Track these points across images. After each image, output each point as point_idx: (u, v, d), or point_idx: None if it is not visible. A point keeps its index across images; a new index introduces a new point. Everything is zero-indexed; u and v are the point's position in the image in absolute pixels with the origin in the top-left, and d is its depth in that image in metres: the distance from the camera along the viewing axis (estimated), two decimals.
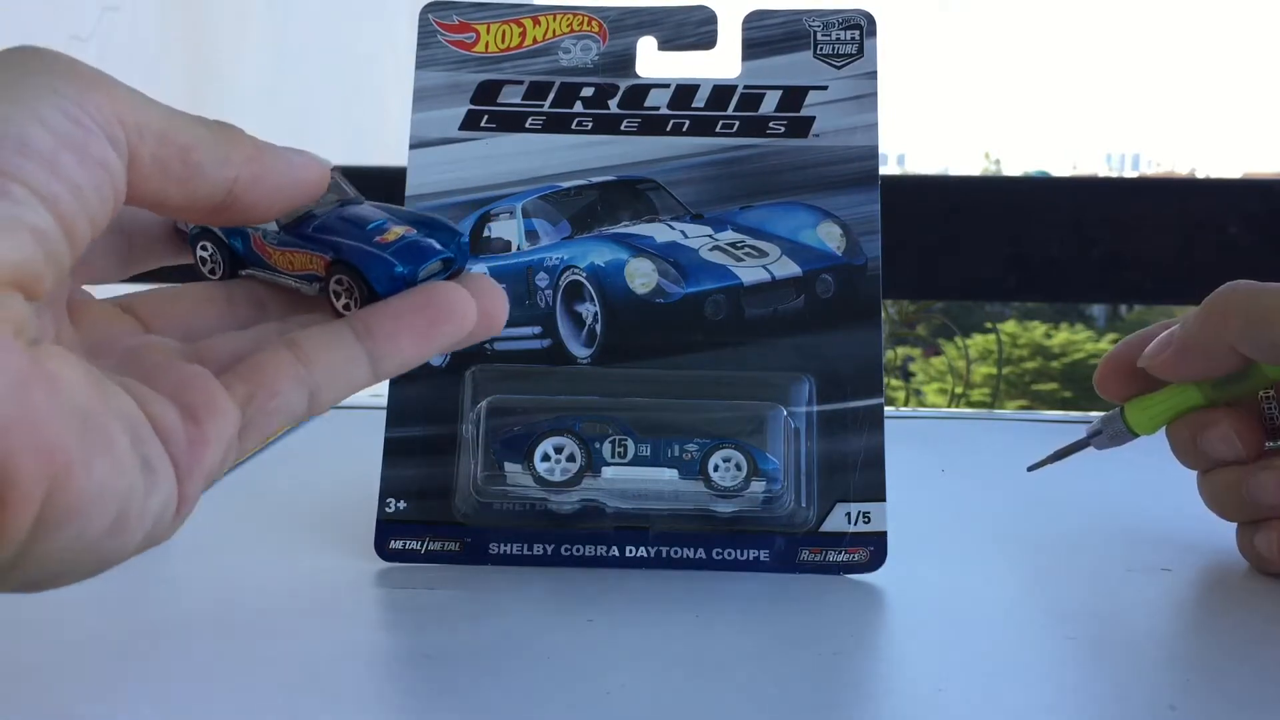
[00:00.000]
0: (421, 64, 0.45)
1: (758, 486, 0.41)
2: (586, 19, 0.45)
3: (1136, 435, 0.43)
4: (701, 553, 0.41)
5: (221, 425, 0.27)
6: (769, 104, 0.44)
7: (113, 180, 0.25)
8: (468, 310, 0.30)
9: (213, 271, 0.34)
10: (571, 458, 0.41)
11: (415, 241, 0.31)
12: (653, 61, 0.45)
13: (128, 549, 0.25)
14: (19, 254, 0.23)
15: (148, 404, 0.26)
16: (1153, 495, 0.49)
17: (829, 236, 0.43)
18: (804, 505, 0.41)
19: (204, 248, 0.34)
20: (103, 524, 0.24)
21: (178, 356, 0.29)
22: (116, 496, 0.24)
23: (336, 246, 0.31)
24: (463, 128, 0.44)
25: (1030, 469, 0.45)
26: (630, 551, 0.41)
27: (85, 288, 0.32)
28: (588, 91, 0.44)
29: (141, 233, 0.34)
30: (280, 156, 0.30)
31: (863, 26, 0.45)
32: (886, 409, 0.42)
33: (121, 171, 0.26)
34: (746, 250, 0.43)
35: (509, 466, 0.41)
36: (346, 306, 0.31)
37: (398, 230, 0.32)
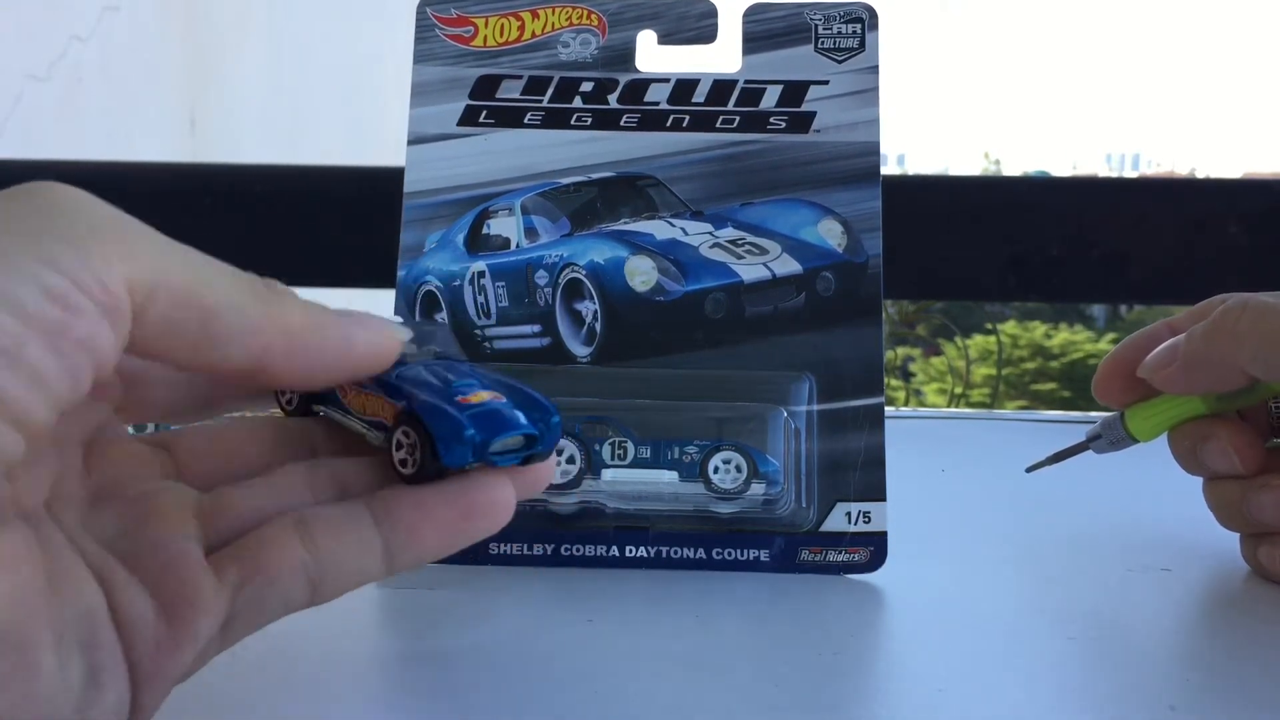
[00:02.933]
0: (419, 58, 0.45)
1: (758, 488, 0.41)
2: (586, 12, 0.45)
3: (1137, 441, 0.42)
4: (701, 553, 0.41)
5: (200, 624, 0.25)
6: (770, 99, 0.44)
7: (95, 356, 0.23)
8: (505, 504, 0.28)
9: (289, 402, 0.32)
10: (571, 459, 0.41)
11: (498, 410, 0.28)
12: (652, 56, 0.45)
13: None
14: None
15: (118, 592, 0.24)
16: (1153, 496, 0.49)
17: (830, 233, 0.43)
18: (804, 505, 0.41)
19: None
20: None
21: (189, 513, 0.27)
22: None
23: (410, 397, 0.29)
24: (461, 123, 0.44)
25: (1029, 470, 0.44)
26: (630, 551, 0.41)
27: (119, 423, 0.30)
28: (587, 86, 0.44)
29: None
30: (334, 329, 0.27)
31: (864, 20, 0.45)
32: (886, 409, 0.42)
33: (113, 345, 0.23)
34: (747, 247, 0.43)
35: None
36: (404, 463, 0.28)
37: (483, 395, 0.29)
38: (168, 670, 0.25)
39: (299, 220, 1.06)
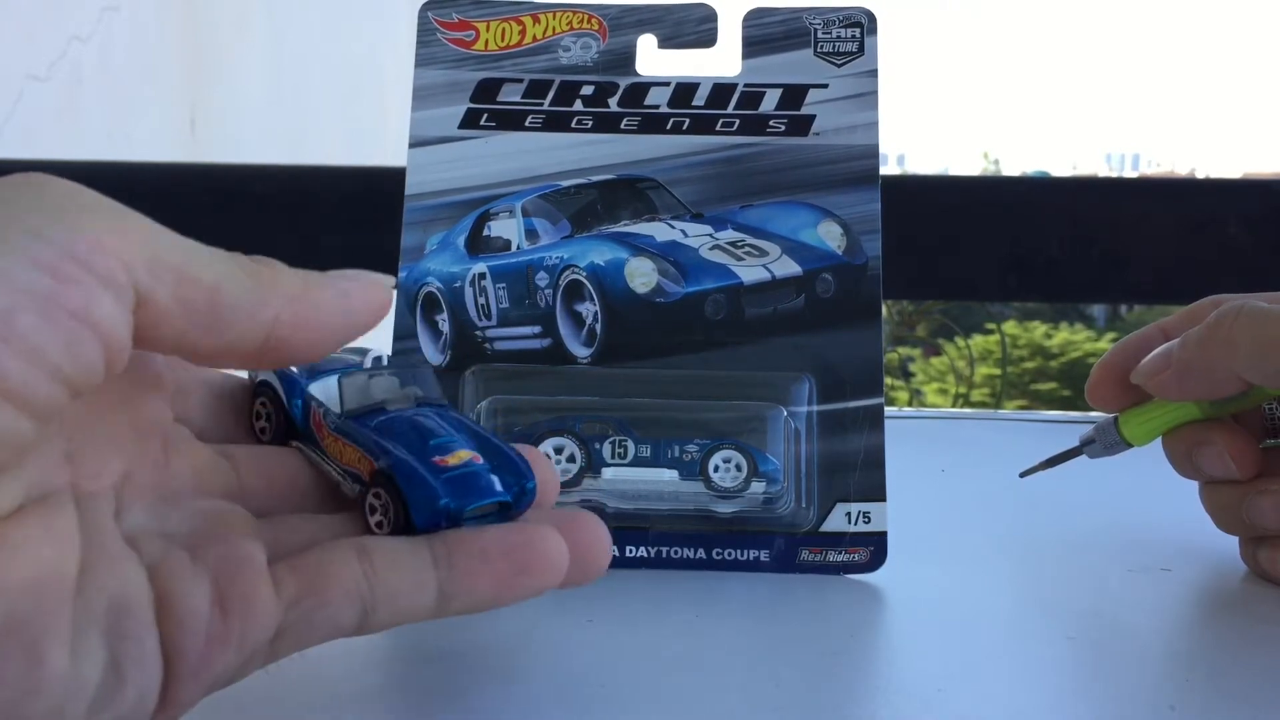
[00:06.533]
0: (421, 62, 0.45)
1: (758, 487, 0.41)
2: (586, 17, 0.45)
3: (1131, 446, 0.42)
4: (701, 553, 0.41)
5: (252, 625, 0.25)
6: (769, 102, 0.44)
7: (99, 330, 0.22)
8: (561, 563, 0.28)
9: (263, 431, 0.32)
10: (571, 458, 0.41)
11: (474, 475, 0.29)
12: (653, 59, 0.45)
13: None
14: None
15: (177, 580, 0.24)
16: (1153, 496, 0.49)
17: (829, 235, 0.43)
18: (804, 505, 0.41)
19: (262, 404, 0.32)
20: None
21: (252, 528, 0.27)
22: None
23: (389, 454, 0.29)
24: (462, 126, 0.44)
25: (1022, 475, 0.44)
26: (630, 551, 0.41)
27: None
28: (588, 90, 0.44)
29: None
30: (330, 288, 0.27)
31: (863, 24, 0.45)
32: (887, 409, 0.42)
33: (119, 319, 0.23)
34: (747, 249, 0.43)
35: None
36: (379, 525, 0.28)
37: (462, 455, 0.29)
38: (213, 666, 0.24)
39: (299, 220, 1.06)
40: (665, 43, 0.45)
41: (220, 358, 0.26)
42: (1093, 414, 0.47)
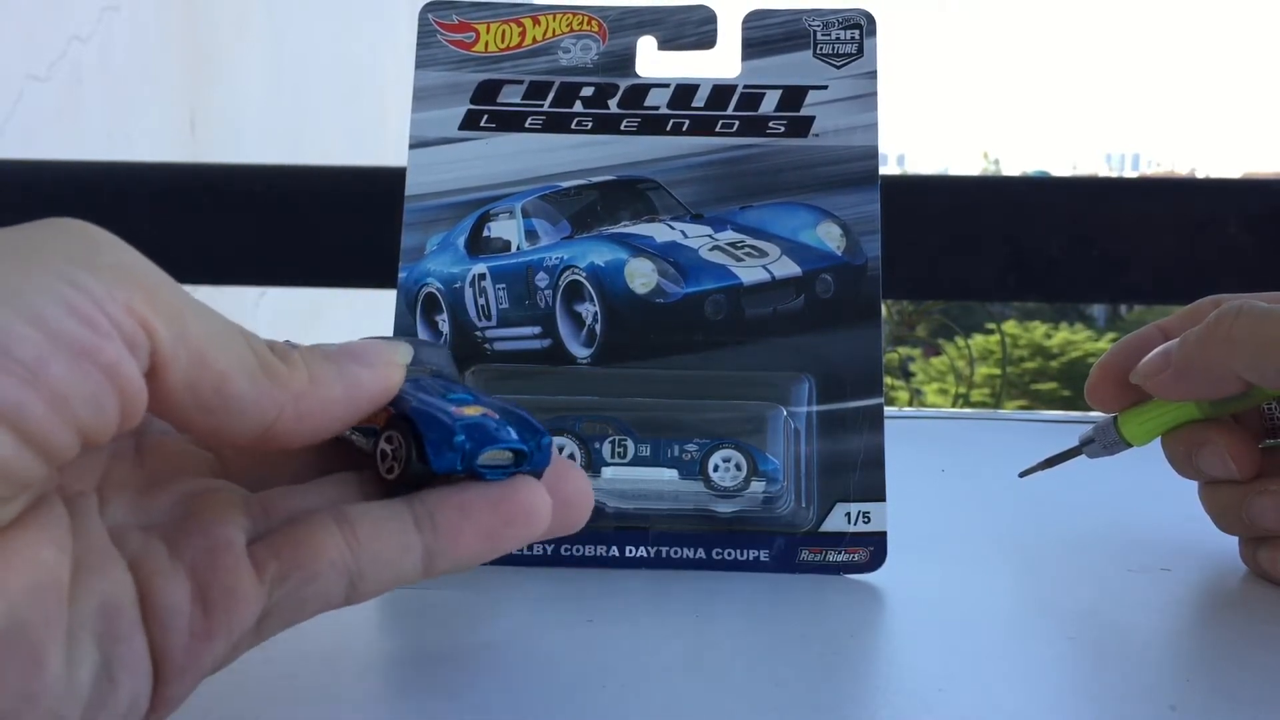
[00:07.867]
0: (421, 64, 0.45)
1: (758, 487, 0.41)
2: (586, 18, 0.45)
3: (1130, 446, 0.42)
4: (701, 553, 0.41)
5: (236, 615, 0.24)
6: (769, 104, 0.44)
7: (121, 389, 0.22)
8: (544, 512, 0.28)
9: None
10: (571, 458, 0.41)
11: (489, 423, 0.28)
12: (652, 61, 0.45)
13: None
14: None
15: (156, 579, 0.24)
16: (1153, 496, 0.49)
17: (829, 236, 0.43)
18: (804, 505, 0.41)
19: None
20: None
21: (238, 506, 0.27)
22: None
23: (404, 400, 0.29)
24: (462, 127, 0.44)
25: (1021, 475, 0.44)
26: (630, 551, 0.41)
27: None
28: (587, 91, 0.45)
29: None
30: (339, 383, 0.27)
31: (862, 26, 0.45)
32: (887, 409, 0.42)
33: (138, 379, 0.23)
34: (746, 250, 0.43)
35: None
36: (390, 469, 0.28)
37: (478, 408, 0.29)
38: (200, 661, 0.24)
39: (299, 220, 1.06)
40: (665, 44, 0.45)
41: (214, 439, 0.26)
42: (1093, 414, 0.47)
